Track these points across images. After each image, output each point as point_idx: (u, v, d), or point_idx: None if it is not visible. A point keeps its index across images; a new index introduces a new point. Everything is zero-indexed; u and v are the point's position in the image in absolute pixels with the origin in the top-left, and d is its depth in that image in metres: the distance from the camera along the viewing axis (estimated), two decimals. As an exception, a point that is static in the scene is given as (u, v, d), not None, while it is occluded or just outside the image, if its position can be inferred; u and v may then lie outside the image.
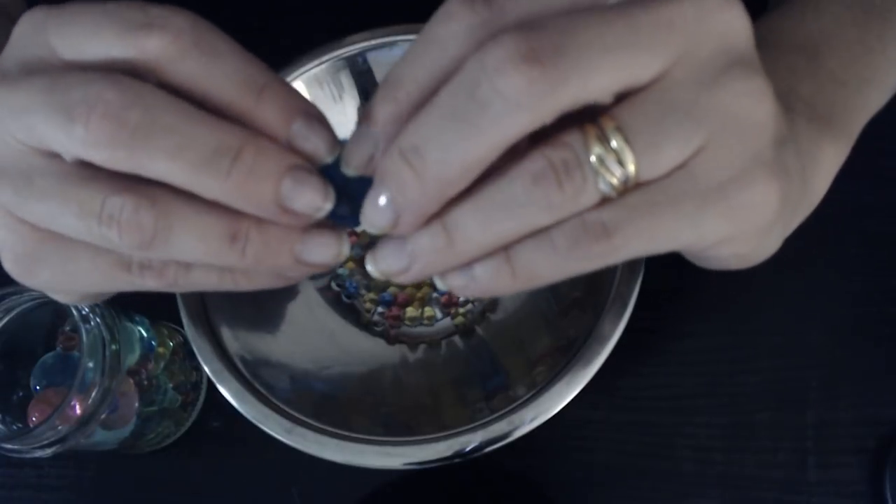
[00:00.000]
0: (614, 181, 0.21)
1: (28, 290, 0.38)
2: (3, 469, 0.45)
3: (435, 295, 0.44)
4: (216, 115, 0.22)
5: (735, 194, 0.22)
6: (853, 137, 0.31)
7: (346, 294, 0.44)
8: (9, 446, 0.36)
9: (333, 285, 0.44)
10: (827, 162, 0.30)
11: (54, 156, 0.23)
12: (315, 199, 0.23)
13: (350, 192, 0.24)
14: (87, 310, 0.37)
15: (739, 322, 0.44)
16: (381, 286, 0.44)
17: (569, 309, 0.40)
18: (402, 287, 0.44)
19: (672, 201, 0.22)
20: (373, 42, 0.41)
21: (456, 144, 0.21)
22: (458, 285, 0.23)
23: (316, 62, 0.41)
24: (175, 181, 0.22)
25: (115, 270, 0.24)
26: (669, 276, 0.43)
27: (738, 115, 0.22)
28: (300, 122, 0.23)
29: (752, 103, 0.22)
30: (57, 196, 0.23)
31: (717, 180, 0.22)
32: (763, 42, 0.27)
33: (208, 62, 0.23)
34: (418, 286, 0.44)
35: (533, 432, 0.34)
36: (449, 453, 0.34)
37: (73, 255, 0.24)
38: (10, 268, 0.26)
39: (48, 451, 0.37)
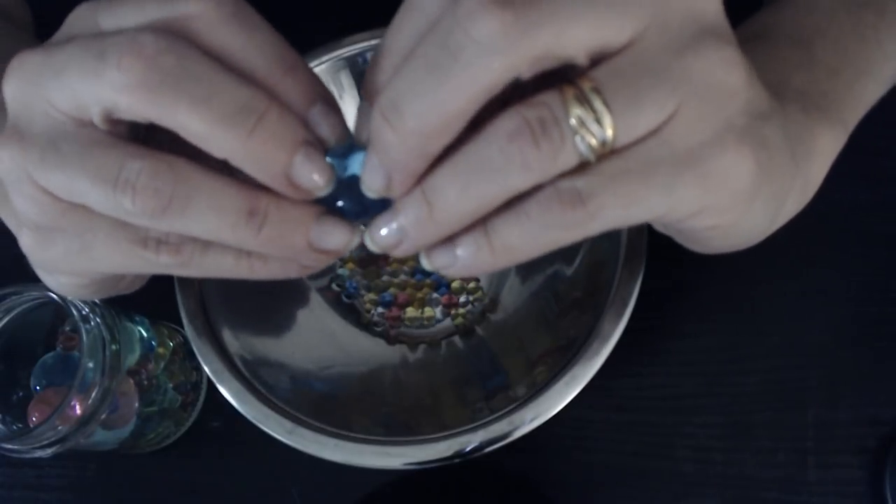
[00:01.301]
0: (593, 142, 0.21)
1: (28, 289, 0.38)
2: (2, 469, 0.45)
3: (435, 295, 0.44)
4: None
5: (706, 160, 0.22)
6: (849, 126, 0.31)
7: (346, 294, 0.44)
8: (9, 446, 0.36)
9: (333, 285, 0.44)
10: (822, 149, 0.30)
11: (86, 124, 0.24)
12: (320, 178, 0.23)
13: (352, 188, 0.24)
14: (87, 310, 0.37)
15: (739, 322, 0.44)
16: (381, 286, 0.44)
17: (569, 309, 0.40)
18: (402, 287, 0.44)
19: (645, 167, 0.22)
20: (373, 42, 0.41)
21: (431, 95, 0.21)
22: (442, 264, 0.24)
23: (316, 62, 0.41)
24: (193, 133, 0.22)
25: (132, 245, 0.24)
26: (670, 275, 0.43)
27: (709, 82, 0.22)
28: (320, 105, 0.24)
29: (723, 71, 0.22)
30: (78, 160, 0.23)
31: (689, 146, 0.22)
32: (757, 36, 0.27)
33: (244, 34, 0.23)
34: (418, 287, 0.44)
35: (533, 432, 0.34)
36: (449, 453, 0.34)
37: (90, 226, 0.25)
38: (25, 241, 0.26)
39: (48, 451, 0.37)
